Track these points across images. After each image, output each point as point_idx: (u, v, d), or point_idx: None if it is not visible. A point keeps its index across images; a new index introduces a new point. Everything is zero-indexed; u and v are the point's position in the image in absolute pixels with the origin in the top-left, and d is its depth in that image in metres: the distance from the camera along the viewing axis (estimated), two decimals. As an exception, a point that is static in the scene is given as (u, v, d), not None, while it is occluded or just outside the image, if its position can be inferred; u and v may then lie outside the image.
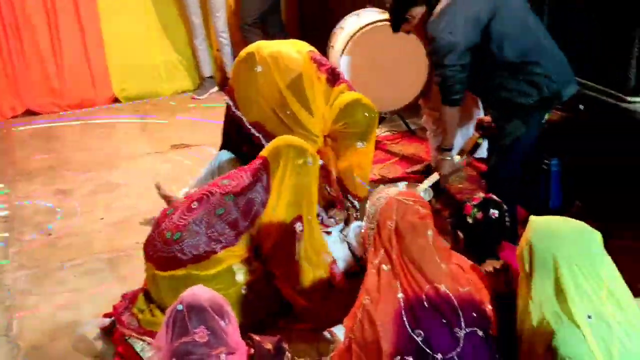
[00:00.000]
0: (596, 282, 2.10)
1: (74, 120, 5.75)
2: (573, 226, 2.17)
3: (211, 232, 2.95)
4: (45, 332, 3.16)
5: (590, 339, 2.06)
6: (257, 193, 2.99)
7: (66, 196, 4.45)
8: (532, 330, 2.16)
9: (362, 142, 3.53)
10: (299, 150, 3.06)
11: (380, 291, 2.23)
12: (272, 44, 3.77)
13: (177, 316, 1.97)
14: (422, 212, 2.31)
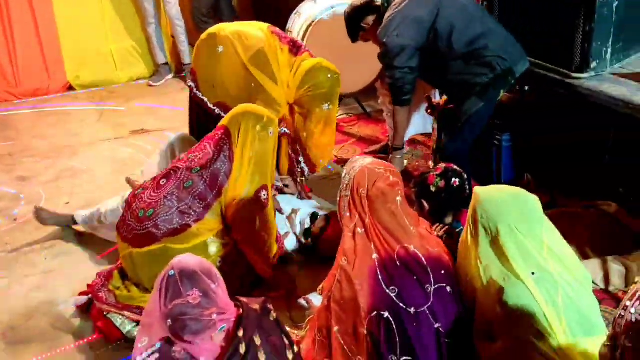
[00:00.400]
0: (537, 242, 2.30)
1: (29, 108, 5.72)
2: (512, 192, 2.37)
3: (182, 205, 3.03)
4: (21, 312, 3.20)
5: (535, 292, 2.25)
6: (221, 163, 3.06)
7: (28, 182, 4.46)
8: (482, 290, 2.35)
9: (328, 104, 3.61)
10: (257, 117, 3.11)
11: (357, 253, 2.38)
12: (232, 24, 3.87)
13: (170, 281, 2.06)
14: (392, 180, 2.46)
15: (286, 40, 3.67)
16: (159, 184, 3.11)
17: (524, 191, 2.39)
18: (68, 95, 6.02)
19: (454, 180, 2.82)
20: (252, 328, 2.04)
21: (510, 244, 2.28)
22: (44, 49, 5.91)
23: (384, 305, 2.32)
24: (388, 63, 3.54)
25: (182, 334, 2.01)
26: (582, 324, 2.22)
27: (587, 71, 3.35)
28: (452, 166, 2.89)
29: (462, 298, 2.45)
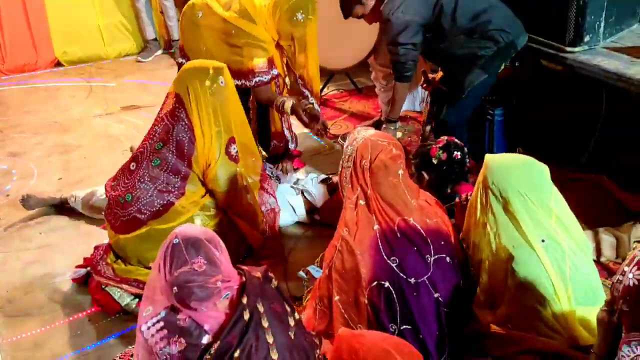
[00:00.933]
0: (545, 210, 2.34)
1: (17, 84, 5.67)
2: (522, 160, 2.41)
3: (158, 185, 3.01)
4: (18, 286, 3.21)
5: (545, 260, 2.31)
6: (182, 133, 3.00)
7: (20, 158, 4.44)
8: (490, 256, 2.39)
9: (300, 12, 3.48)
10: (202, 72, 3.01)
11: (358, 224, 2.40)
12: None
13: (175, 249, 2.06)
14: (394, 153, 2.46)
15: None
16: (129, 170, 3.08)
17: (533, 159, 2.42)
18: (56, 71, 5.97)
19: (456, 154, 2.85)
20: (255, 295, 2.07)
21: (521, 211, 2.32)
22: (31, 24, 5.86)
23: (385, 275, 2.35)
24: (392, 40, 3.51)
25: (188, 301, 2.03)
26: (586, 292, 2.28)
27: (581, 45, 3.38)
28: (454, 139, 2.92)
29: (461, 268, 2.49)
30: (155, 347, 2.03)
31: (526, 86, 4.05)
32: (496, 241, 2.38)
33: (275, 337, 2.08)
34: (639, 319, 1.67)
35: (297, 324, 2.19)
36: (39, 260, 3.38)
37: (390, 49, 3.57)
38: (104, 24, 6.16)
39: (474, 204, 2.47)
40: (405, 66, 3.55)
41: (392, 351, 1.47)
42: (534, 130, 3.91)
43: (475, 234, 2.48)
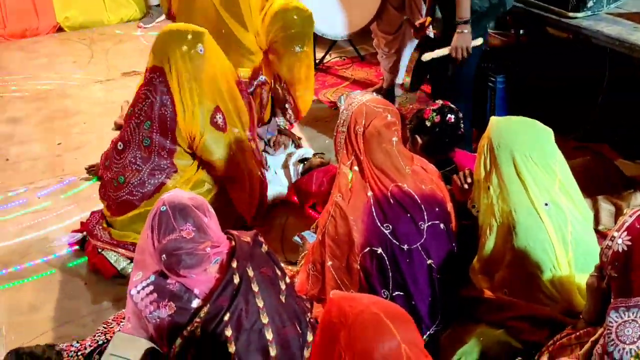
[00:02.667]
0: (550, 174, 2.32)
1: (18, 50, 5.63)
2: (528, 123, 2.37)
3: (149, 165, 2.97)
4: (15, 249, 3.22)
5: (548, 225, 2.28)
6: (164, 107, 2.93)
7: (20, 123, 4.42)
8: (492, 221, 2.37)
9: (300, 46, 3.45)
10: (180, 36, 2.92)
11: (352, 190, 2.39)
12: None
13: (162, 216, 2.06)
14: (389, 119, 2.42)
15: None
16: (117, 150, 3.04)
17: (538, 122, 2.39)
18: (57, 36, 5.92)
19: (450, 117, 2.82)
20: (245, 259, 2.06)
21: (525, 173, 2.29)
22: (32, -12, 5.80)
23: (378, 242, 2.34)
24: None
25: (177, 268, 2.03)
26: (586, 260, 2.26)
27: (584, 10, 3.32)
28: (449, 104, 2.89)
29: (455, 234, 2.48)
30: (145, 311, 2.04)
31: (529, 53, 3.99)
32: (499, 204, 2.35)
33: (265, 301, 2.08)
34: (627, 284, 1.66)
35: (288, 288, 2.19)
36: (36, 225, 3.39)
37: None
38: (106, -12, 6.09)
39: (477, 167, 2.44)
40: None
41: (382, 315, 1.45)
42: (536, 97, 3.86)
43: (478, 197, 2.46)
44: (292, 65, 3.51)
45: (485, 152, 2.37)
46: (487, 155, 2.36)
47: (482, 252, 2.44)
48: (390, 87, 4.51)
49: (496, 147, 2.32)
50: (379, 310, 1.45)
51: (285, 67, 3.51)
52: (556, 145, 2.36)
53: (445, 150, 2.88)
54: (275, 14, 3.41)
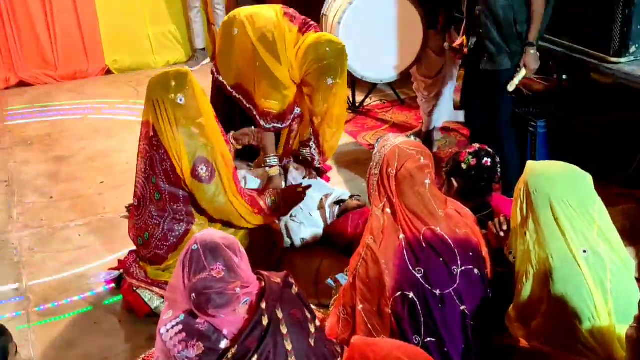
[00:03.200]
0: (588, 220, 2.25)
1: (68, 91, 5.82)
2: (566, 168, 2.32)
3: (167, 217, 2.98)
4: (54, 286, 3.28)
5: (586, 272, 2.21)
6: (163, 161, 2.91)
7: (65, 162, 4.54)
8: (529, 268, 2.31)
9: (332, 78, 3.44)
10: (163, 85, 2.87)
11: (384, 232, 2.36)
12: (251, 7, 3.80)
13: (194, 255, 2.07)
14: (422, 162, 2.40)
15: (297, 21, 3.58)
16: (135, 207, 3.06)
17: (577, 168, 2.34)
18: (106, 78, 6.11)
19: (486, 160, 2.78)
20: (275, 301, 2.05)
21: (563, 219, 2.23)
22: (83, 32, 6.02)
23: (409, 286, 2.30)
24: None
25: (207, 307, 2.02)
26: (626, 310, 2.17)
27: (626, 55, 3.27)
28: (486, 147, 2.86)
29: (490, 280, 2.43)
30: (174, 350, 2.04)
31: (571, 98, 3.95)
32: (535, 250, 2.29)
33: (294, 344, 2.06)
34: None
35: (318, 331, 2.17)
36: (76, 262, 3.45)
37: None
38: (154, 32, 6.28)
39: (513, 212, 2.40)
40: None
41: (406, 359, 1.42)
42: (578, 143, 3.80)
43: (514, 242, 2.41)
44: (324, 98, 3.51)
45: (521, 197, 2.32)
46: (524, 200, 2.31)
47: (518, 299, 2.38)
48: (429, 131, 4.50)
49: (533, 192, 2.28)
50: (402, 355, 1.42)
51: (317, 99, 3.52)
52: (595, 191, 2.31)
53: (481, 194, 2.84)
54: (308, 47, 3.45)
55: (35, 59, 5.97)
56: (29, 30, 5.87)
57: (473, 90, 3.63)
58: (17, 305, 3.15)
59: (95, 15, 6.01)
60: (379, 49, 4.39)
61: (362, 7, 4.31)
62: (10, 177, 4.35)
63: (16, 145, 4.80)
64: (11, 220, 3.86)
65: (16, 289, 3.26)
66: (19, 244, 3.62)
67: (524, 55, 3.33)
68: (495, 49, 3.34)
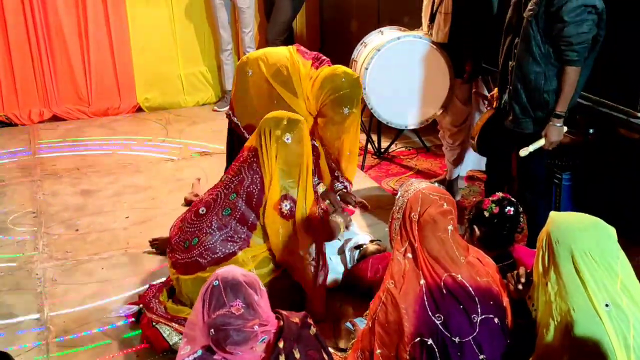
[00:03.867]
0: (610, 273, 2.23)
1: (99, 126, 5.94)
2: (589, 220, 2.31)
3: (224, 233, 3.06)
4: (75, 318, 3.30)
5: (609, 327, 2.18)
6: (253, 185, 3.06)
7: (92, 196, 4.61)
8: (550, 320, 2.28)
9: (347, 108, 3.48)
10: (276, 121, 3.08)
11: (405, 277, 2.36)
12: (263, 49, 3.92)
13: (214, 291, 2.09)
14: (445, 208, 2.41)
15: (310, 56, 3.66)
16: (197, 213, 3.14)
17: (601, 220, 2.32)
18: (136, 115, 6.23)
19: (509, 209, 2.78)
20: (292, 340, 2.06)
21: (585, 272, 2.21)
22: (117, 70, 6.16)
23: (428, 332, 2.29)
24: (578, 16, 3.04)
25: (224, 344, 2.03)
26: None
27: (653, 111, 3.27)
28: (509, 196, 2.86)
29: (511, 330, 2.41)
30: (190, 386, 2.04)
31: (598, 152, 3.94)
32: (556, 302, 2.27)
33: (310, 385, 2.06)
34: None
35: (334, 374, 2.16)
36: (98, 295, 3.48)
37: (572, 27, 3.05)
38: (185, 73, 6.41)
39: (536, 263, 2.39)
40: (585, 46, 3.10)
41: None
42: (604, 197, 3.78)
43: (536, 294, 2.39)
44: (340, 129, 3.56)
45: (544, 248, 2.31)
46: (546, 251, 2.30)
47: (539, 351, 2.34)
48: (453, 179, 4.51)
49: (555, 242, 2.27)
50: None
51: (333, 130, 3.57)
52: (618, 245, 2.29)
53: (503, 243, 2.83)
54: (324, 78, 3.50)
55: (69, 95, 6.12)
56: (65, 66, 6.03)
57: (497, 142, 3.62)
58: (37, 335, 3.18)
59: (129, 54, 6.16)
60: (405, 95, 4.43)
61: (390, 54, 4.37)
62: (39, 208, 4.43)
63: (46, 178, 4.89)
64: (37, 250, 3.91)
65: (37, 319, 3.29)
66: (43, 274, 3.67)
67: (548, 125, 3.27)
68: (521, 111, 3.30)
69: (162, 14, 6.18)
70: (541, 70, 3.18)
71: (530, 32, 3.15)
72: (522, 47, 3.23)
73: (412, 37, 4.38)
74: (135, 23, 6.11)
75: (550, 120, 3.25)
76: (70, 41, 5.98)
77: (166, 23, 6.21)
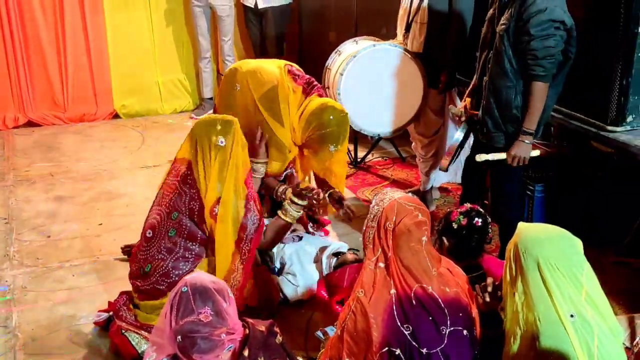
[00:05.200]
0: (576, 285, 2.25)
1: (75, 133, 5.90)
2: (556, 232, 2.33)
3: (175, 254, 3.00)
4: (43, 325, 3.27)
5: (573, 337, 2.20)
6: (192, 200, 2.99)
7: (65, 202, 4.57)
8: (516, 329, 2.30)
9: (334, 145, 3.49)
10: (209, 129, 2.99)
11: (375, 286, 2.36)
12: (254, 60, 3.84)
13: (182, 297, 2.08)
14: (420, 219, 2.42)
15: (302, 81, 3.57)
16: (146, 237, 3.08)
17: (568, 232, 2.35)
18: (113, 122, 6.20)
19: (477, 220, 2.80)
20: (257, 349, 2.05)
21: (551, 281, 2.22)
22: (94, 77, 6.15)
23: (397, 342, 2.29)
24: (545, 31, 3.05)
25: (191, 352, 2.02)
26: (612, 377, 2.15)
27: (623, 125, 3.31)
28: (477, 207, 2.88)
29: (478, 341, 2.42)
30: (155, 394, 2.03)
31: (570, 164, 3.99)
32: (523, 312, 2.28)
33: (275, 394, 2.05)
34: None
35: (300, 383, 2.16)
36: (67, 302, 3.44)
37: (538, 42, 3.07)
38: (163, 80, 6.40)
39: (504, 273, 2.40)
40: (553, 61, 3.10)
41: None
42: (575, 209, 3.82)
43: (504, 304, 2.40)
44: (324, 162, 3.57)
45: (511, 258, 2.33)
46: (513, 261, 2.32)
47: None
48: (427, 190, 4.53)
49: (522, 253, 2.28)
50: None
51: (318, 162, 3.57)
52: (584, 257, 2.31)
53: (472, 254, 2.85)
54: (311, 113, 3.47)
55: (45, 100, 6.09)
56: (41, 72, 6.01)
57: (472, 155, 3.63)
58: (4, 343, 3.14)
59: (107, 60, 6.14)
60: (378, 103, 4.45)
61: (365, 61, 4.40)
62: (10, 214, 4.38)
63: (19, 184, 4.84)
64: (7, 257, 3.86)
65: (4, 327, 3.25)
66: (12, 281, 3.62)
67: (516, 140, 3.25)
68: (493, 125, 3.30)
69: (141, 21, 6.18)
70: (512, 85, 3.20)
71: (502, 46, 3.17)
72: (494, 62, 3.25)
73: (388, 45, 4.41)
74: (114, 29, 6.10)
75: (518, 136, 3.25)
76: (47, 46, 5.96)
77: (144, 30, 6.21)
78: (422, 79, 4.35)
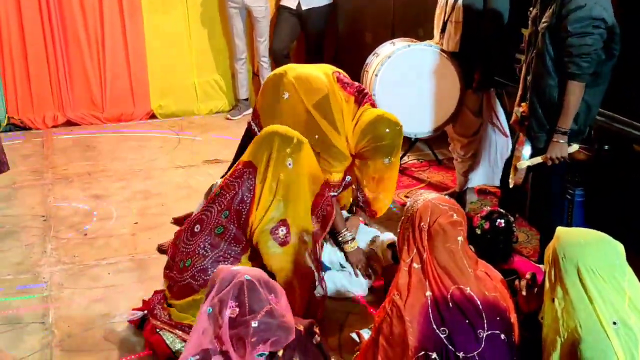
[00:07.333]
0: (618, 291, 2.18)
1: (112, 132, 5.96)
2: (596, 236, 2.27)
3: (217, 253, 3.01)
4: (79, 322, 3.29)
5: (616, 345, 2.13)
6: (242, 202, 3.00)
7: (102, 201, 4.62)
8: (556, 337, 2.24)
9: (388, 158, 3.49)
10: (285, 139, 3.01)
11: (410, 288, 2.33)
12: (300, 66, 3.77)
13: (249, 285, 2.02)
14: (455, 219, 2.39)
15: (352, 89, 3.54)
16: (192, 231, 3.09)
17: (608, 236, 2.28)
18: (149, 122, 6.25)
19: (499, 222, 2.76)
20: (293, 349, 2.03)
21: (592, 287, 2.17)
22: (132, 78, 6.19)
23: (433, 346, 2.26)
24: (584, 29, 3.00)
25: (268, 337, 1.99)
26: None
27: (668, 127, 3.23)
28: (497, 208, 2.83)
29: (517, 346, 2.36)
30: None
31: (611, 168, 3.89)
32: (563, 318, 2.22)
33: (308, 394, 2.03)
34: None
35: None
36: (103, 300, 3.47)
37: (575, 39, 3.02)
38: (200, 81, 6.42)
39: (544, 278, 2.35)
40: (590, 60, 3.05)
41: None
42: (616, 213, 3.72)
43: (543, 310, 2.34)
44: (377, 173, 3.55)
45: (550, 263, 2.27)
46: (552, 266, 2.26)
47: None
48: (462, 192, 4.47)
49: (561, 258, 2.23)
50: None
51: (371, 173, 3.56)
52: (626, 262, 2.24)
53: (501, 258, 2.79)
54: (367, 124, 3.43)
55: (83, 100, 6.15)
56: (80, 72, 6.07)
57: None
58: (41, 339, 3.17)
59: (144, 61, 6.19)
60: (415, 104, 4.39)
61: (399, 61, 4.35)
62: (48, 212, 4.44)
63: (57, 182, 4.91)
64: (45, 254, 3.91)
65: (42, 323, 3.28)
66: (49, 278, 3.66)
67: (551, 141, 3.21)
68: (537, 126, 3.26)
69: (178, 22, 6.20)
70: (555, 83, 3.14)
71: (544, 45, 3.12)
72: (537, 61, 3.20)
73: (423, 45, 4.36)
74: (151, 31, 6.14)
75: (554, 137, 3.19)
76: (85, 47, 6.02)
77: (182, 31, 6.23)
78: (459, 78, 4.29)
